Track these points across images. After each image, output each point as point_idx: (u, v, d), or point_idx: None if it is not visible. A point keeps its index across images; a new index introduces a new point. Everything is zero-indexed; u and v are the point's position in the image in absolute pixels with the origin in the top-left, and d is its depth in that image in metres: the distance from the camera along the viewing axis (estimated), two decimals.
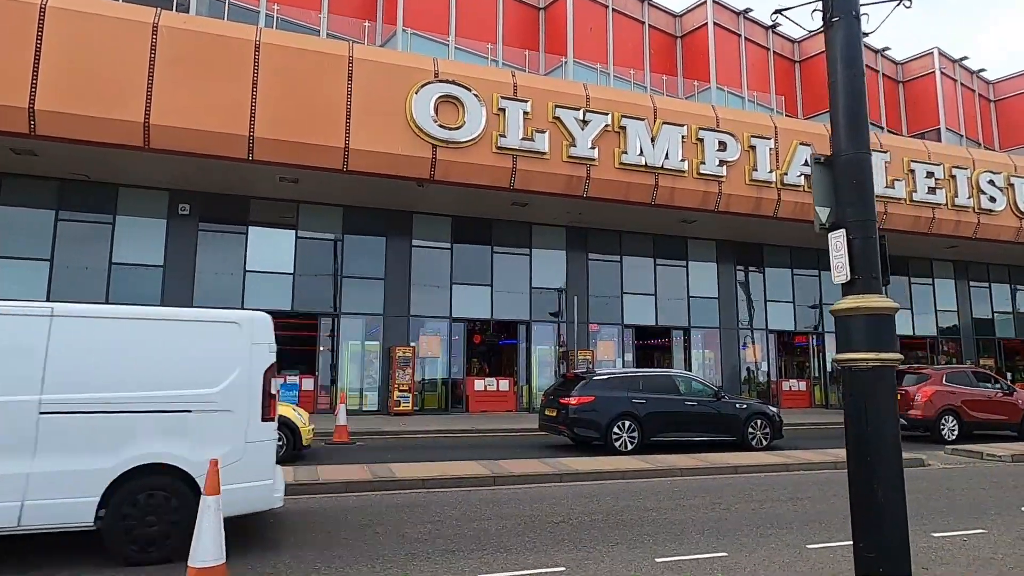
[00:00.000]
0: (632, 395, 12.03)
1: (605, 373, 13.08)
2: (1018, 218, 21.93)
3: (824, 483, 8.91)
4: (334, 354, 17.89)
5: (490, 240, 19.56)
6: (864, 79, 4.13)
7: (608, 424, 11.60)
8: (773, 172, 18.59)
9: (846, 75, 4.00)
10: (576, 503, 7.39)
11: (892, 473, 3.55)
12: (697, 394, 12.68)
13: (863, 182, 3.93)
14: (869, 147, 4.06)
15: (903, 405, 14.36)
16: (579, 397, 11.77)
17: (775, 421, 12.84)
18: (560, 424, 12.01)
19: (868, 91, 20.70)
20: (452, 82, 15.69)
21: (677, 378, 13.30)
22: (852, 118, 3.99)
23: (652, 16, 24.08)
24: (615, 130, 17.09)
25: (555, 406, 12.21)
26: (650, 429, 11.89)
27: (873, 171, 4.12)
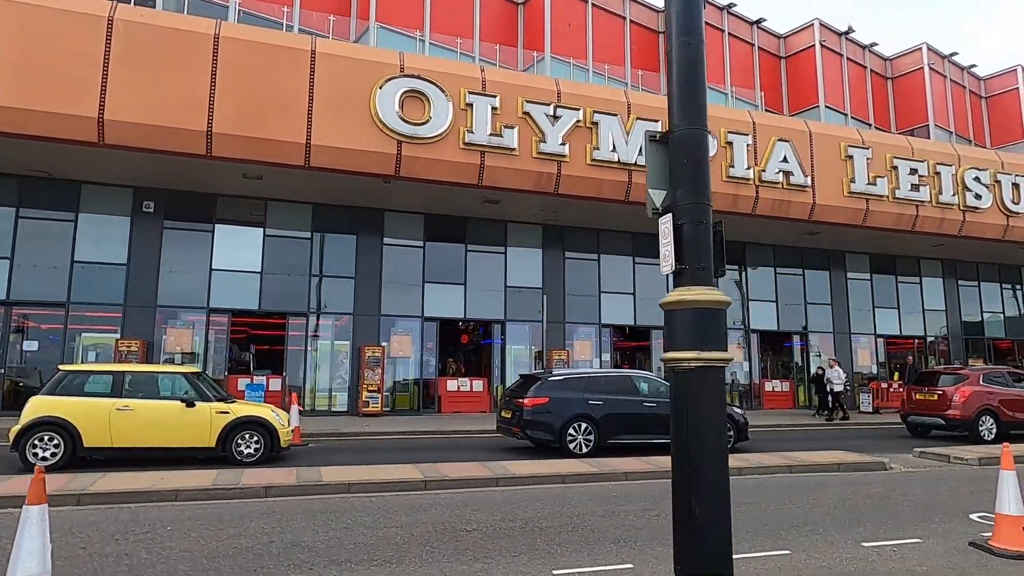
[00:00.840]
0: (589, 396, 11.72)
1: (561, 374, 12.76)
2: (1004, 216, 21.52)
3: (774, 487, 8.59)
4: (303, 354, 17.62)
5: (464, 238, 19.27)
6: (703, 47, 3.70)
7: (563, 426, 11.32)
8: (751, 169, 18.24)
9: (681, 42, 3.64)
10: (501, 509, 7.09)
11: (713, 488, 3.19)
12: (657, 395, 12.31)
13: (698, 161, 3.60)
14: (705, 122, 3.75)
15: (941, 406, 14.62)
16: (533, 398, 11.48)
17: (739, 423, 12.49)
18: (514, 426, 11.72)
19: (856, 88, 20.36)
20: (418, 77, 15.41)
21: (637, 379, 12.93)
22: (687, 89, 3.67)
23: (634, 12, 23.73)
24: (587, 126, 16.78)
25: (511, 407, 11.93)
26: (607, 431, 11.62)
27: (709, 148, 3.76)
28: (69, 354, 15.60)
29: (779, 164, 18.59)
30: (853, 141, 19.83)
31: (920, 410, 15.33)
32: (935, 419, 14.85)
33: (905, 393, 16.40)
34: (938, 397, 14.84)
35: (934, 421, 14.92)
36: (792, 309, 22.96)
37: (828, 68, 25.72)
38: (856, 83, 26.93)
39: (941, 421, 14.72)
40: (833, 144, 19.48)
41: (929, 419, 15.03)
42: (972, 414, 14.34)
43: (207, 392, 10.34)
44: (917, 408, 15.42)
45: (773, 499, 7.87)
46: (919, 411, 15.35)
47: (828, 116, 25.10)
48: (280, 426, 10.46)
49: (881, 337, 24.14)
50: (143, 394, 10.14)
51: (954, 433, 14.75)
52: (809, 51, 25.56)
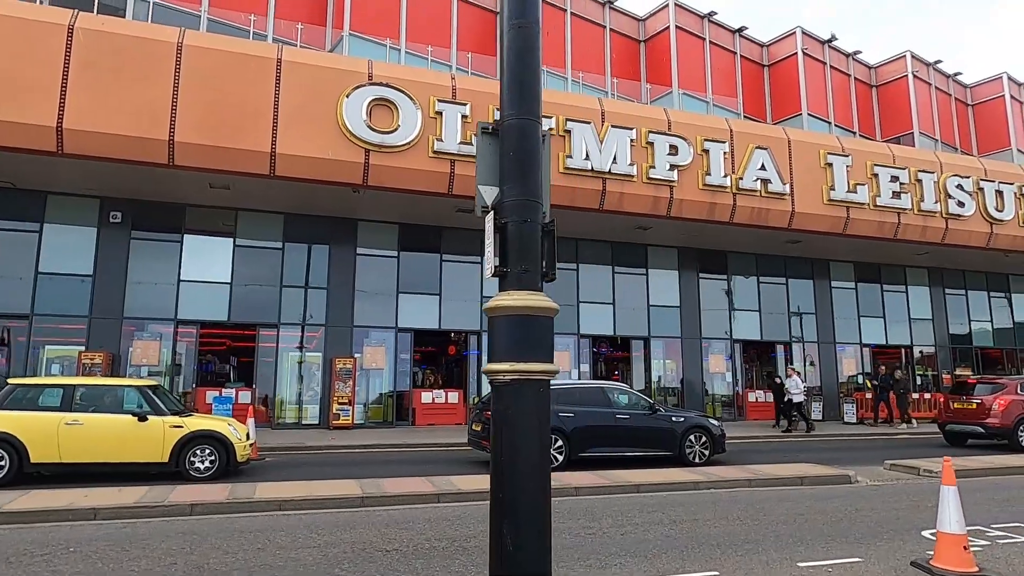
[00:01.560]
0: (560, 408, 11.42)
1: None
2: (988, 223, 21.29)
3: (728, 503, 8.31)
4: (274, 366, 17.34)
5: (439, 248, 19.05)
6: (537, 31, 3.41)
7: None
8: (728, 176, 18.04)
9: (512, 25, 3.39)
10: (434, 527, 6.81)
11: (527, 516, 2.90)
12: (631, 407, 12.19)
13: (527, 153, 3.35)
14: (537, 113, 3.50)
15: (980, 415, 14.97)
16: None
17: (715, 435, 12.30)
18: (483, 439, 11.44)
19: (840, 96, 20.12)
20: (386, 85, 15.24)
21: (610, 391, 12.70)
22: (517, 77, 3.42)
23: (614, 20, 23.63)
24: (560, 134, 16.59)
25: (481, 420, 11.67)
26: (578, 444, 11.39)
27: (541, 140, 3.46)
28: (33, 367, 15.35)
29: (757, 172, 18.39)
30: (833, 148, 19.63)
31: (958, 419, 15.59)
32: (974, 427, 15.14)
33: (943, 401, 16.66)
34: (976, 406, 15.12)
35: (973, 429, 15.20)
36: (776, 318, 22.69)
37: (811, 76, 25.59)
38: (840, 91, 26.80)
39: (980, 429, 14.99)
40: (812, 152, 19.29)
41: (968, 427, 15.32)
42: (1011, 423, 14.62)
43: (161, 406, 10.07)
44: (956, 417, 15.69)
45: (722, 515, 7.58)
46: (957, 420, 15.63)
47: (811, 124, 24.94)
48: (237, 440, 10.19)
49: (867, 346, 23.84)
50: (94, 408, 9.89)
51: (992, 441, 15.08)
52: (791, 59, 25.45)
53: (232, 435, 10.19)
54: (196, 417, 10.47)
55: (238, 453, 10.13)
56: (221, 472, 9.77)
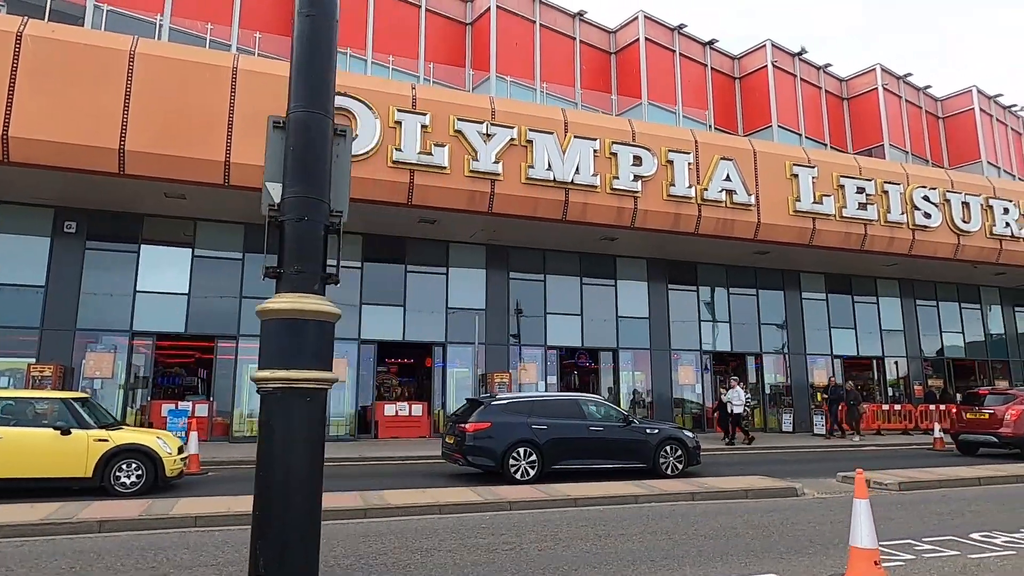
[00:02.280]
0: (533, 421, 11.42)
1: (506, 398, 12.47)
2: (955, 234, 21.37)
3: (663, 517, 8.13)
4: (233, 378, 17.05)
5: (403, 259, 18.88)
6: (332, 22, 3.25)
7: (504, 452, 11.00)
8: (693, 187, 18.02)
9: (302, 14, 3.23)
10: (346, 544, 6.59)
11: (291, 538, 2.68)
12: (604, 419, 12.11)
13: (309, 148, 3.20)
14: (327, 106, 3.37)
15: (992, 424, 15.43)
16: (476, 423, 11.17)
17: (690, 447, 12.22)
18: (456, 452, 11.43)
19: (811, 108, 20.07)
20: (344, 94, 15.06)
21: (584, 403, 12.57)
22: (305, 68, 3.29)
23: (583, 32, 23.68)
24: (522, 144, 16.53)
25: (454, 433, 11.63)
26: (551, 457, 11.31)
27: (328, 136, 3.27)
28: None
29: (722, 183, 18.39)
30: (798, 160, 19.68)
31: (971, 429, 16.01)
32: (987, 437, 15.59)
33: (955, 412, 17.07)
34: (989, 416, 15.57)
35: (986, 439, 15.65)
36: (746, 330, 22.62)
37: (781, 89, 25.72)
38: (811, 104, 26.94)
39: (994, 439, 15.42)
40: (778, 163, 19.33)
41: (981, 437, 15.78)
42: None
43: (87, 419, 9.79)
44: (968, 427, 16.11)
45: (652, 530, 7.40)
46: (970, 430, 16.05)
47: (782, 136, 25.05)
48: (166, 455, 9.92)
49: (838, 358, 23.80)
50: (15, 421, 9.61)
51: (1005, 451, 15.47)
52: (762, 72, 25.58)
53: (161, 449, 9.90)
54: (124, 431, 10.20)
55: (167, 468, 9.84)
56: (148, 487, 9.50)
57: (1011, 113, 31.45)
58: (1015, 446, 15.18)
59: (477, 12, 22.46)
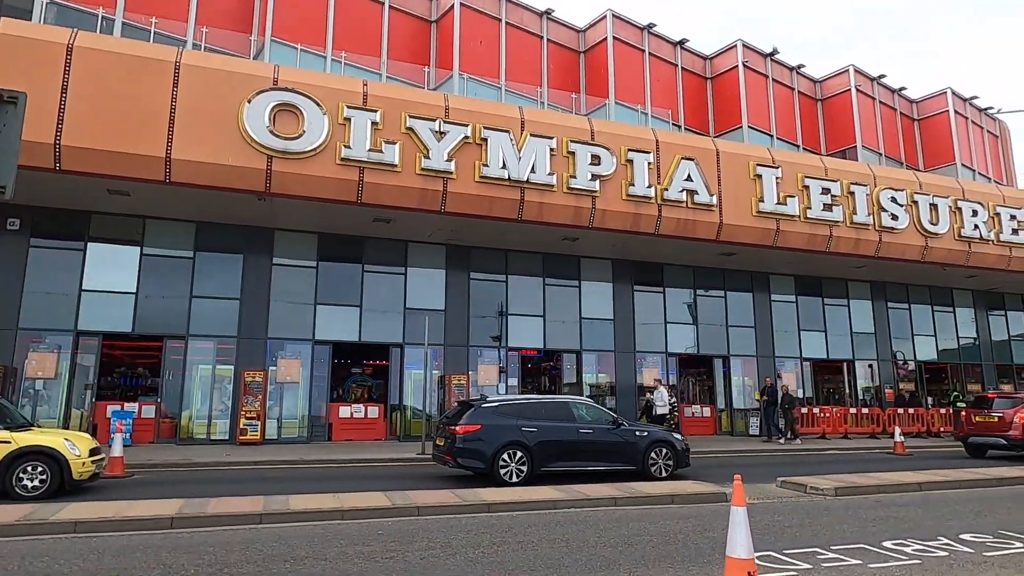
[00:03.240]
0: (522, 423, 11.46)
1: (496, 400, 12.44)
2: (923, 236, 21.19)
3: (570, 524, 7.88)
4: (181, 379, 16.75)
5: (361, 258, 18.61)
6: None
7: (494, 454, 11.04)
8: (652, 187, 17.79)
9: None
10: (225, 552, 6.32)
11: None
12: (594, 422, 12.13)
13: None
14: None
15: (1001, 427, 16.01)
16: (465, 426, 11.23)
17: (679, 450, 12.30)
18: (446, 454, 11.43)
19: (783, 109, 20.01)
20: (291, 90, 14.88)
21: (573, 405, 12.59)
22: None
23: (551, 31, 23.46)
24: (476, 142, 16.28)
25: (445, 435, 11.68)
26: (541, 459, 11.34)
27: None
28: None
29: (683, 183, 18.17)
30: (762, 160, 19.47)
31: (980, 431, 16.59)
32: (996, 439, 16.15)
33: (964, 416, 17.52)
34: (998, 419, 16.14)
35: (995, 441, 16.21)
36: (714, 331, 22.39)
37: (752, 89, 25.53)
38: (783, 105, 26.75)
39: (1003, 441, 15.98)
40: (741, 163, 19.12)
41: (991, 439, 16.34)
42: None
43: None
44: (977, 430, 16.68)
45: (552, 538, 7.14)
46: (979, 432, 16.61)
47: (752, 137, 24.86)
48: (74, 457, 9.59)
49: (807, 360, 23.59)
50: None
51: (1013, 453, 16.01)
52: (732, 72, 25.40)
53: (68, 451, 9.55)
54: (31, 432, 9.88)
55: (74, 471, 9.52)
56: (53, 491, 9.20)
57: (987, 115, 31.33)
58: (1022, 448, 15.72)
59: (442, 10, 22.21)
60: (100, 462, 10.20)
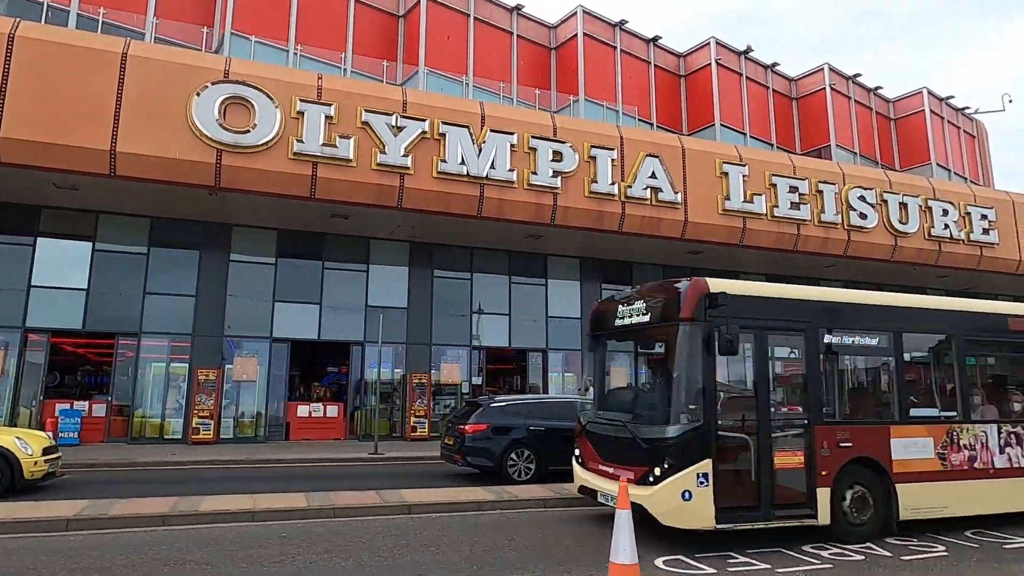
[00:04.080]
0: (530, 422, 11.69)
1: (503, 400, 12.71)
2: (892, 235, 21.06)
3: (466, 527, 7.65)
4: (133, 377, 16.45)
5: (321, 255, 18.34)
6: None
7: (502, 453, 11.32)
8: (616, 184, 17.58)
9: None
10: (109, 555, 6.07)
11: None
12: None
13: None
14: None
15: None
16: (474, 425, 11.49)
17: None
18: (455, 453, 11.67)
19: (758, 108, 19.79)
20: (242, 83, 14.60)
21: (579, 405, 12.50)
22: None
23: (521, 27, 23.21)
24: (434, 137, 16.03)
25: (453, 434, 11.91)
26: (547, 457, 11.46)
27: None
28: None
29: (647, 180, 17.97)
30: (729, 158, 19.28)
31: None
32: None
33: None
34: None
35: None
36: None
37: (725, 87, 25.35)
38: (757, 103, 26.58)
39: None
40: (707, 160, 18.93)
41: None
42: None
43: None
44: None
45: (456, 540, 6.93)
46: None
47: (725, 135, 24.69)
48: (26, 456, 9.39)
49: None
50: None
51: None
52: (706, 69, 25.22)
53: (19, 450, 9.39)
54: None
55: (26, 470, 9.34)
56: (3, 490, 9.02)
57: (964, 116, 31.26)
58: None
59: (409, 4, 21.93)
60: (55, 461, 9.97)
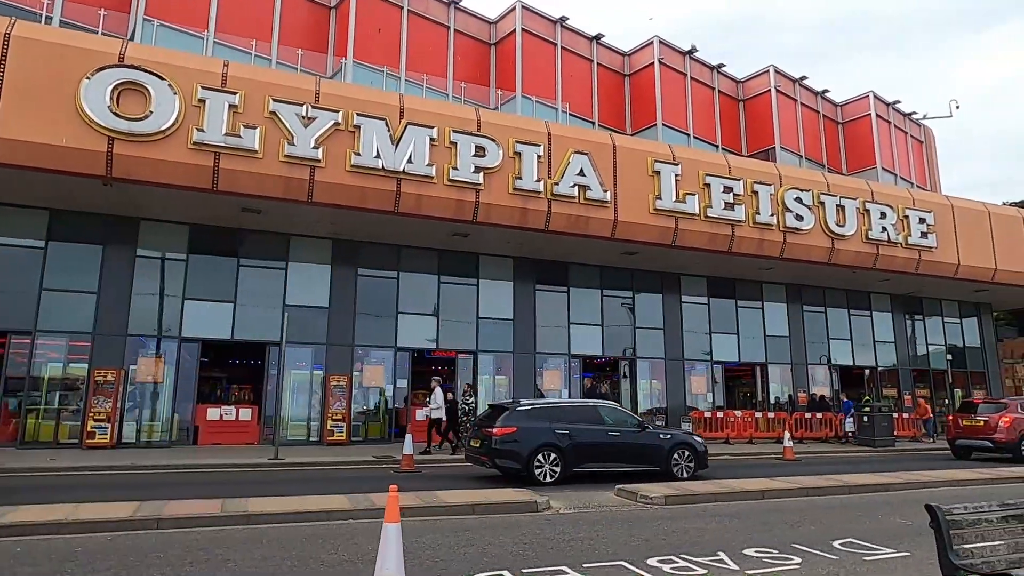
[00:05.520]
0: (555, 426, 11.95)
1: (529, 403, 12.76)
2: (829, 238, 20.84)
3: (334, 536, 7.05)
4: (25, 379, 15.53)
5: (236, 252, 17.59)
6: None
7: (530, 455, 11.54)
8: (541, 181, 17.10)
9: None
10: None
11: None
12: (621, 424, 12.76)
13: None
14: None
15: (987, 431, 17.12)
16: (501, 428, 11.71)
17: (699, 451, 12.92)
18: (483, 455, 11.92)
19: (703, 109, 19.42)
20: (138, 68, 13.86)
21: (602, 409, 13.15)
22: None
23: (459, 21, 22.68)
24: (348, 129, 15.42)
25: (479, 437, 12.20)
26: (573, 460, 11.85)
27: None
28: None
29: (575, 177, 17.52)
30: (662, 156, 18.91)
31: (967, 434, 17.67)
32: (983, 442, 17.21)
33: (952, 419, 18.66)
34: (984, 423, 17.25)
35: (981, 443, 17.27)
36: (620, 333, 21.78)
37: (670, 87, 25.06)
38: (702, 104, 26.33)
39: (989, 444, 17.07)
40: (639, 159, 18.54)
41: (977, 442, 17.39)
42: (1016, 437, 16.76)
43: None
44: (965, 433, 17.76)
45: (271, 555, 6.30)
46: (966, 435, 17.69)
47: (668, 136, 24.36)
48: None
49: (719, 363, 23.11)
50: None
51: (998, 455, 16.99)
52: (649, 69, 24.90)
53: None
54: None
55: None
56: None
57: (911, 121, 31.36)
58: (1007, 451, 16.73)
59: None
60: None
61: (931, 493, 11.29)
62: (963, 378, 27.44)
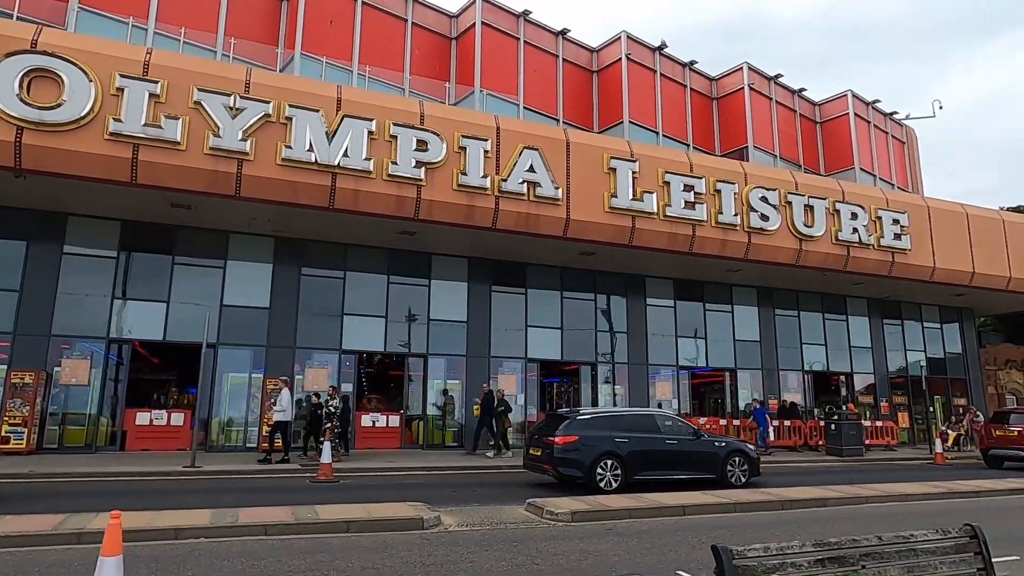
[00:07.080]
0: (615, 434, 12.06)
1: (588, 413, 12.95)
2: (796, 239, 20.07)
3: (198, 555, 6.30)
4: None
5: (171, 249, 16.88)
6: None
7: (592, 463, 11.65)
8: (488, 177, 16.38)
9: None
10: None
11: None
12: (677, 432, 12.84)
13: None
14: None
15: (1020, 441, 17.02)
16: (563, 436, 11.79)
17: (752, 458, 13.16)
18: (545, 463, 12.00)
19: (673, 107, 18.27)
20: (51, 54, 13.19)
21: (658, 417, 13.34)
22: None
23: (418, 14, 21.95)
24: (280, 121, 14.72)
25: (539, 445, 12.27)
26: (633, 468, 11.94)
27: None
28: None
29: (524, 174, 16.80)
30: (619, 153, 18.18)
31: (1001, 444, 17.60)
32: (1015, 452, 17.13)
33: (984, 430, 18.78)
34: (1017, 433, 17.17)
35: (1016, 454, 17.16)
36: (581, 336, 21.01)
37: (637, 83, 24.32)
38: (673, 102, 25.58)
39: (1021, 454, 16.99)
40: (595, 155, 17.82)
41: (1010, 452, 17.31)
42: None
43: None
44: (998, 443, 17.69)
45: None
46: (1000, 445, 17.62)
47: (636, 133, 23.60)
48: None
49: (685, 369, 22.32)
50: None
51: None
52: (617, 66, 24.18)
53: None
54: None
55: None
56: None
57: (893, 121, 30.57)
58: None
59: None
60: None
61: (873, 509, 10.53)
62: (943, 385, 26.63)
